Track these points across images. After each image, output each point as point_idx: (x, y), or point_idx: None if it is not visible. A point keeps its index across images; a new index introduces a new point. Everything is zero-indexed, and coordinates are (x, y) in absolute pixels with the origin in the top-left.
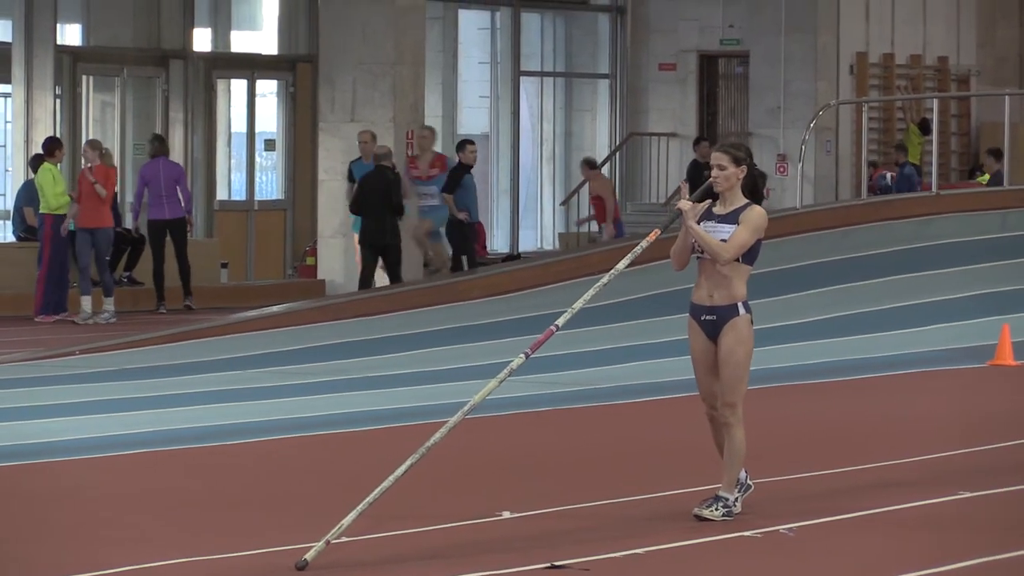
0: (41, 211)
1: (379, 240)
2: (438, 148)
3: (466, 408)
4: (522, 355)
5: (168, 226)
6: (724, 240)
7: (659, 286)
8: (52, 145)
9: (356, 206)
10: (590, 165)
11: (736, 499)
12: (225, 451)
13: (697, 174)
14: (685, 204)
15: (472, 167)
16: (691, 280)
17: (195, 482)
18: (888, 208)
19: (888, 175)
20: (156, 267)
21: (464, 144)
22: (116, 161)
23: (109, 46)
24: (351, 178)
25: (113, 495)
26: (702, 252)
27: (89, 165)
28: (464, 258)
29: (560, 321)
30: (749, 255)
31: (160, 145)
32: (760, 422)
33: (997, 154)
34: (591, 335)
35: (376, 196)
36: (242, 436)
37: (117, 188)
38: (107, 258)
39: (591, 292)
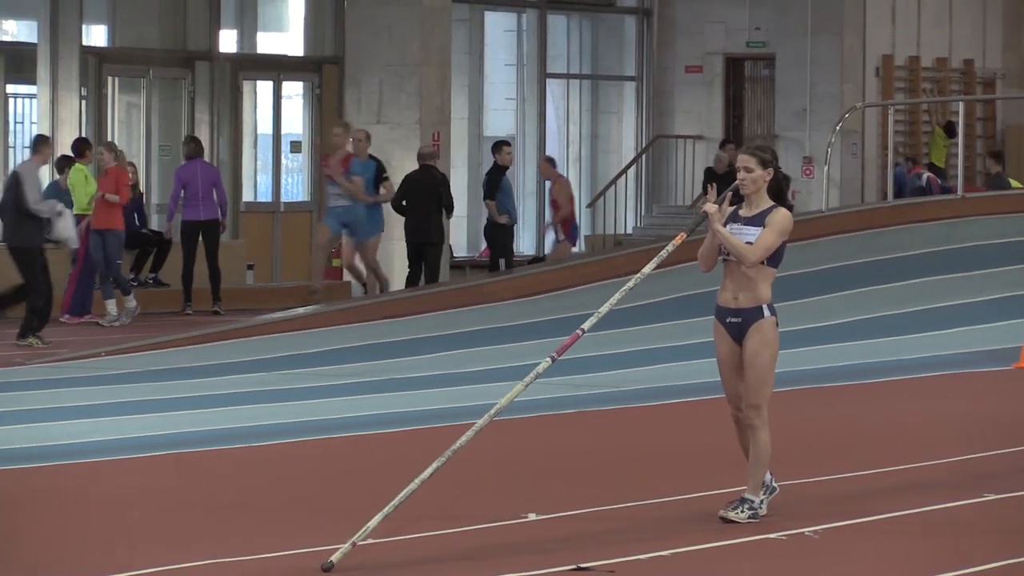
0: (75, 212)
1: (423, 238)
2: (464, 149)
3: (492, 411)
4: (548, 358)
5: (202, 228)
6: (750, 243)
7: (685, 288)
8: (82, 146)
9: (399, 204)
10: (551, 163)
11: (762, 501)
12: (251, 453)
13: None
14: (711, 207)
15: (508, 168)
16: (716, 282)
17: (223, 484)
18: (914, 211)
19: (926, 176)
20: (186, 268)
21: (500, 145)
22: (141, 162)
23: (135, 47)
24: None
25: (143, 496)
26: (728, 254)
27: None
28: (502, 261)
29: (586, 325)
30: (774, 258)
31: (196, 146)
32: (786, 425)
33: (997, 156)
34: (617, 337)
35: (422, 195)
36: (268, 438)
37: (143, 189)
38: (118, 261)
39: (617, 296)
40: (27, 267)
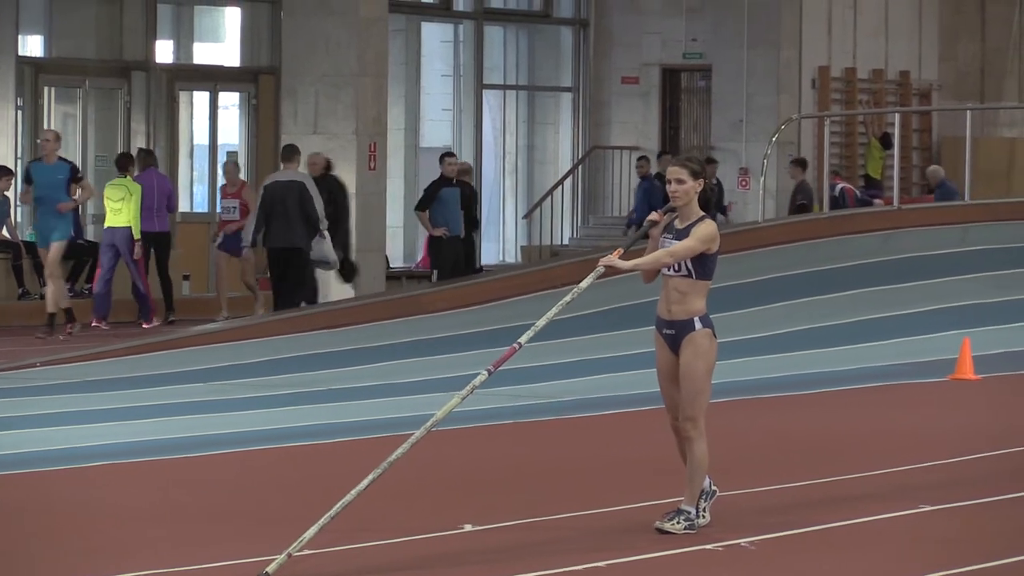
0: (124, 223)
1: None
2: (400, 160)
3: (429, 424)
4: (484, 372)
5: (155, 239)
6: None
7: (623, 299)
8: (125, 160)
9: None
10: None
11: (704, 508)
12: (186, 463)
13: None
14: (655, 215)
15: (453, 180)
16: (654, 293)
17: (155, 494)
18: (850, 222)
19: (839, 186)
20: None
21: (443, 157)
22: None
23: (71, 57)
24: (28, 179)
25: (72, 507)
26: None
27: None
28: (435, 273)
29: (523, 339)
30: (706, 270)
31: (148, 157)
32: (723, 436)
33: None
34: (555, 348)
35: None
36: (203, 448)
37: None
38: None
39: (554, 310)
40: None
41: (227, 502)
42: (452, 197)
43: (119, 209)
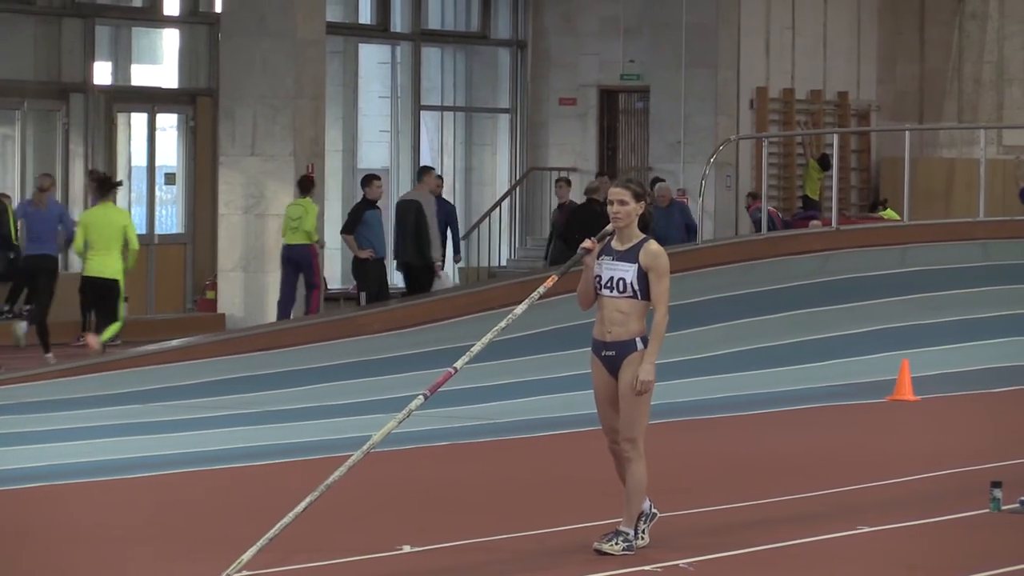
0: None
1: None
2: (338, 181)
3: (366, 447)
4: (421, 396)
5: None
6: (624, 278)
7: (559, 320)
8: (307, 182)
9: (567, 232)
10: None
11: (643, 530)
12: (123, 485)
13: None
14: (589, 243)
15: (377, 202)
16: (590, 315)
17: (92, 516)
18: (788, 243)
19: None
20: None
21: (370, 179)
22: (16, 194)
23: (9, 79)
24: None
25: (11, 528)
26: (603, 287)
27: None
28: (363, 295)
29: (459, 363)
30: (647, 291)
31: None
32: (662, 457)
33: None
34: (492, 369)
35: (582, 227)
36: (140, 470)
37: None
38: None
39: (490, 335)
40: None
41: (162, 524)
42: (376, 219)
43: (296, 228)
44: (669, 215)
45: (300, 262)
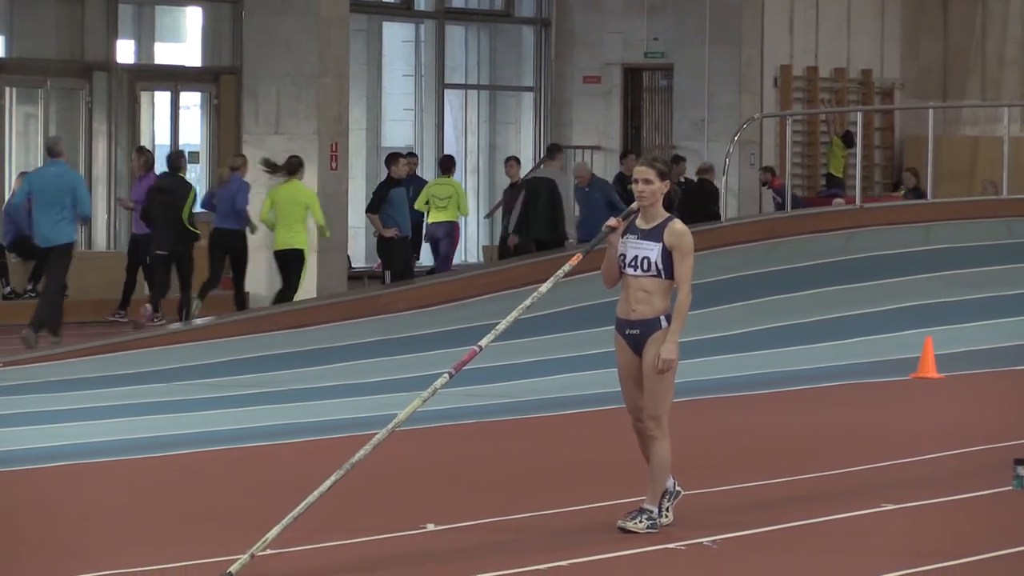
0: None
1: None
2: (362, 160)
3: (391, 426)
4: (446, 374)
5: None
6: (648, 257)
7: (583, 299)
8: (448, 162)
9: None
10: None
11: (667, 508)
12: (148, 464)
13: (623, 188)
14: (614, 221)
15: (402, 181)
16: (614, 293)
17: (120, 494)
18: (812, 221)
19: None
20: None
21: (396, 157)
22: None
23: (32, 57)
24: None
25: (34, 507)
26: (627, 265)
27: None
28: (387, 274)
29: (484, 341)
30: (671, 270)
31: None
32: (687, 434)
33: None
34: (516, 348)
35: (696, 207)
36: (165, 449)
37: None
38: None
39: (515, 313)
40: None
41: (190, 502)
42: (401, 198)
43: (444, 207)
44: (590, 194)
45: (443, 240)
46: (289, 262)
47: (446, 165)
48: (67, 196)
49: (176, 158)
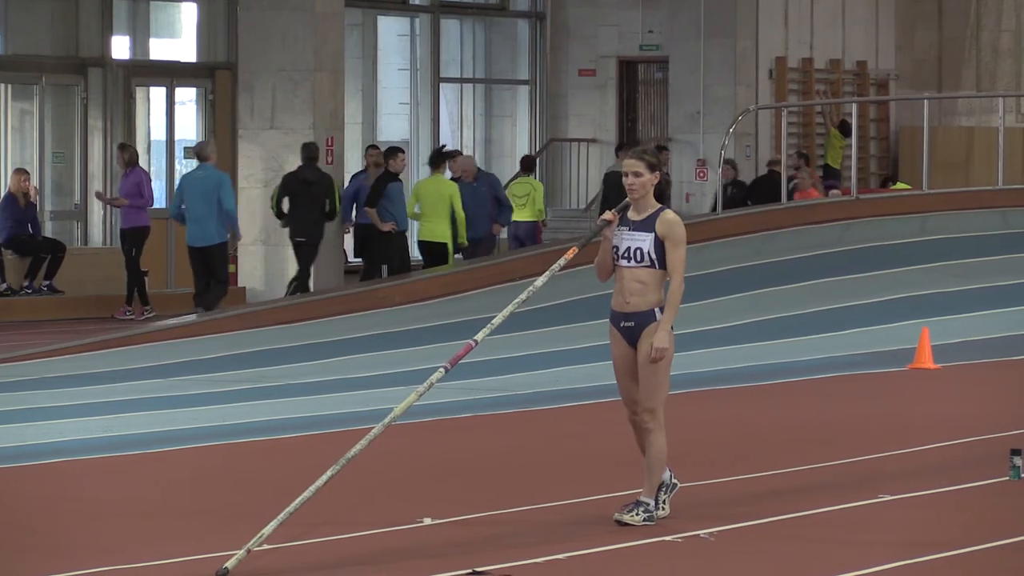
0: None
1: None
2: (357, 154)
3: (387, 420)
4: (441, 368)
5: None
6: (641, 248)
7: (578, 292)
8: (528, 161)
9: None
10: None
11: (664, 501)
12: (146, 459)
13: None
14: (609, 214)
15: (399, 175)
16: (609, 286)
17: (114, 490)
18: (808, 213)
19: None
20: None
21: (394, 152)
22: (35, 170)
23: (27, 54)
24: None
25: (33, 503)
26: (620, 258)
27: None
28: (384, 268)
29: (479, 336)
30: (664, 260)
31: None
32: (683, 426)
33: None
34: (511, 341)
35: (766, 198)
36: (162, 444)
37: (36, 196)
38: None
39: (510, 307)
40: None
41: (186, 498)
42: (399, 192)
43: (523, 205)
44: (477, 190)
45: (525, 239)
46: (432, 254)
47: (527, 164)
48: (215, 197)
49: (310, 148)
